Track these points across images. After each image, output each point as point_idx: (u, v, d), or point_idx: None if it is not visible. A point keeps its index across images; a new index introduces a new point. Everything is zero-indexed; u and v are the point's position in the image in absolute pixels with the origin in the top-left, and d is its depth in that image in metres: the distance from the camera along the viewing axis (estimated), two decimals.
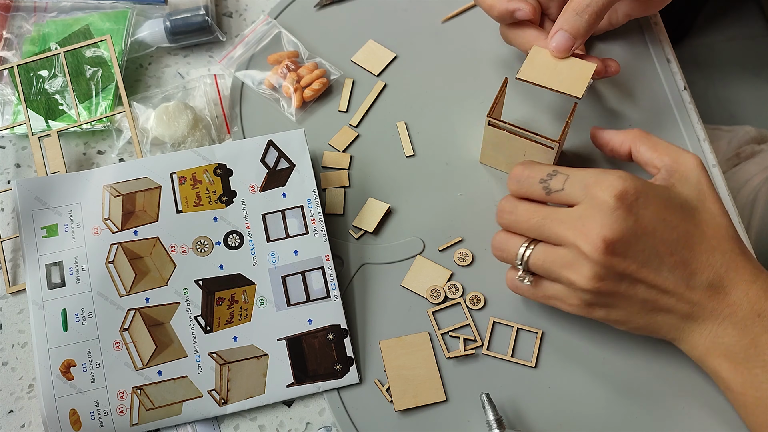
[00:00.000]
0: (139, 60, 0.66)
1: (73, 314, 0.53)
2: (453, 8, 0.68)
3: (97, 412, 0.51)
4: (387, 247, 0.58)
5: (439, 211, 0.59)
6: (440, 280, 0.57)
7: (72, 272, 0.54)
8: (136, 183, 0.56)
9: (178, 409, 0.52)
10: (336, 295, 0.55)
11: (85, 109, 0.62)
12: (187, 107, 0.61)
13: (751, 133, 0.98)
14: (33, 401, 0.54)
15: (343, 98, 0.64)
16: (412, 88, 0.65)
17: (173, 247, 0.55)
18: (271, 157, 0.57)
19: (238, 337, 0.54)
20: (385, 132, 0.63)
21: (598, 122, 0.62)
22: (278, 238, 0.56)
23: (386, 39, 0.66)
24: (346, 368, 0.54)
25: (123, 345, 0.53)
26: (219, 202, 0.56)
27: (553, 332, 0.55)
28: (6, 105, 0.63)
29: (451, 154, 0.62)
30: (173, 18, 0.65)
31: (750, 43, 0.64)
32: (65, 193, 0.56)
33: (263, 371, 0.53)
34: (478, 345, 0.54)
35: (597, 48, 0.65)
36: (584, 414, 0.53)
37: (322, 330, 0.54)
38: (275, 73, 0.63)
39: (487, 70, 0.65)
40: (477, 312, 0.56)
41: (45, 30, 0.65)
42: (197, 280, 0.55)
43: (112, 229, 0.55)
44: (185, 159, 0.57)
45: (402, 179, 0.61)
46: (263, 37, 0.66)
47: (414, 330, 0.55)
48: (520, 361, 0.54)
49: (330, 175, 0.61)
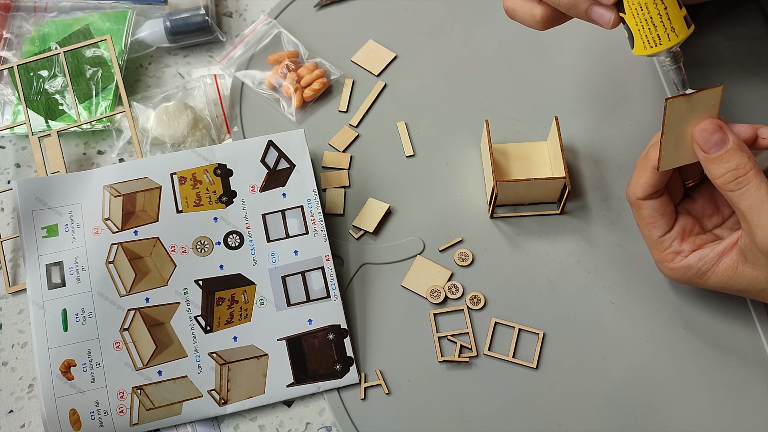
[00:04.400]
0: (139, 60, 0.66)
1: (73, 314, 0.53)
2: (453, 8, 0.68)
3: (97, 412, 0.51)
4: (387, 247, 0.58)
5: (439, 211, 0.59)
6: (440, 280, 0.57)
7: (72, 272, 0.54)
8: (136, 183, 0.56)
9: (178, 409, 0.52)
10: (336, 295, 0.55)
11: (85, 109, 0.62)
12: (187, 107, 0.61)
13: None
14: (33, 401, 0.54)
15: (343, 98, 0.64)
16: (412, 88, 0.65)
17: (173, 247, 0.55)
18: (271, 158, 0.57)
19: (238, 337, 0.54)
20: (385, 132, 0.63)
21: (597, 122, 0.62)
22: (278, 238, 0.56)
23: (386, 39, 0.66)
24: (346, 368, 0.54)
25: (123, 345, 0.53)
26: (219, 202, 0.56)
27: (554, 333, 0.55)
28: (6, 105, 0.63)
29: (451, 154, 0.62)
30: (173, 18, 0.65)
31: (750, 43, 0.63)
32: (65, 193, 0.56)
33: (263, 371, 0.53)
34: (473, 355, 0.54)
35: (595, 50, 0.65)
36: (584, 414, 0.53)
37: (322, 330, 0.54)
38: (275, 73, 0.63)
39: (487, 70, 0.65)
40: (477, 312, 0.56)
41: (45, 30, 0.65)
42: (197, 280, 0.55)
43: (113, 229, 0.55)
44: (185, 159, 0.57)
45: (402, 179, 0.61)
46: (263, 37, 0.66)
47: (414, 330, 0.55)
48: (521, 362, 0.54)
49: (330, 175, 0.61)
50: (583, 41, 0.66)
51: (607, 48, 0.65)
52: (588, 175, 0.60)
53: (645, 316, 0.55)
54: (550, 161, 0.59)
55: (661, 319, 0.55)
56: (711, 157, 0.45)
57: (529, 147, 0.60)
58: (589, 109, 0.63)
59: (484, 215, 0.59)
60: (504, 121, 0.63)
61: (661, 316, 0.55)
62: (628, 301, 0.56)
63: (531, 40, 0.66)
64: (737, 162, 0.45)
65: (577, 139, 0.62)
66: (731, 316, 0.55)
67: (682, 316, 0.55)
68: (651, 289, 0.56)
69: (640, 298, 0.56)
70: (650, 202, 0.50)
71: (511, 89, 0.64)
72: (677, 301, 0.56)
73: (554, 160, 0.58)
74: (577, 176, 0.60)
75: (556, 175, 0.57)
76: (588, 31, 0.66)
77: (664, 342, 0.54)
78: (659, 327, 0.55)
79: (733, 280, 0.48)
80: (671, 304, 0.56)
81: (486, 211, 0.59)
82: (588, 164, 0.61)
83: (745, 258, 0.47)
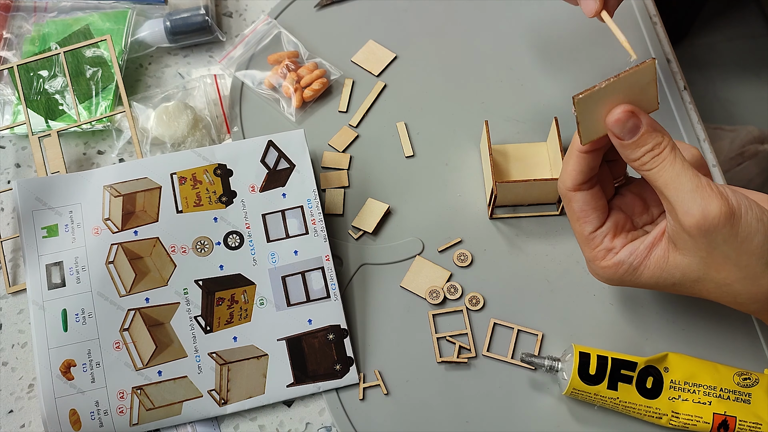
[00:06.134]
0: (139, 60, 0.67)
1: (73, 314, 0.53)
2: (453, 8, 0.68)
3: (97, 412, 0.51)
4: (386, 248, 0.58)
5: (438, 211, 0.59)
6: (439, 281, 0.57)
7: (72, 272, 0.54)
8: (136, 183, 0.56)
9: (178, 409, 0.52)
10: (336, 296, 0.55)
11: (85, 109, 0.62)
12: (187, 107, 0.61)
13: (754, 132, 0.99)
14: (33, 401, 0.54)
15: (343, 98, 0.64)
16: (412, 88, 0.65)
17: (173, 248, 0.55)
18: (271, 158, 0.57)
19: (238, 337, 0.54)
20: (384, 132, 0.63)
21: None
22: (278, 238, 0.56)
23: (386, 39, 0.66)
24: (346, 368, 0.54)
25: (123, 345, 0.53)
26: (219, 202, 0.56)
27: (553, 334, 0.55)
28: (6, 105, 0.63)
29: (451, 154, 0.62)
30: (173, 18, 0.65)
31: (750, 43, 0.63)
32: (65, 193, 0.56)
33: (263, 371, 0.53)
34: (472, 355, 0.54)
35: (595, 51, 0.65)
36: (584, 414, 0.53)
37: (322, 330, 0.54)
38: (275, 73, 0.63)
39: (487, 71, 0.65)
40: (476, 313, 0.56)
41: (45, 30, 0.65)
42: (197, 280, 0.55)
43: (113, 230, 0.55)
44: (185, 159, 0.57)
45: (402, 179, 0.61)
46: (263, 37, 0.66)
47: (413, 330, 0.55)
48: (520, 363, 0.54)
49: (330, 176, 0.61)
50: (583, 42, 0.66)
51: (607, 49, 0.65)
52: None
53: (644, 317, 0.56)
54: (549, 162, 0.59)
55: (661, 320, 0.55)
56: (627, 143, 0.44)
57: (529, 148, 0.60)
58: None
59: (483, 216, 0.59)
60: (504, 122, 0.63)
61: (660, 317, 0.56)
62: (628, 302, 0.56)
63: (531, 41, 0.66)
64: (653, 143, 0.43)
65: None
66: (730, 317, 0.55)
67: (682, 317, 0.55)
68: (650, 291, 0.56)
69: (640, 299, 0.56)
70: (581, 194, 0.48)
71: (511, 90, 0.64)
72: (677, 302, 0.56)
73: (554, 161, 0.58)
74: None
75: (555, 176, 0.57)
76: (588, 31, 0.66)
77: (664, 343, 0.55)
78: (659, 328, 0.55)
79: (666, 272, 0.46)
80: (671, 305, 0.56)
81: (485, 211, 0.59)
82: None
83: (674, 245, 0.45)
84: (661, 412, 0.50)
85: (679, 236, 0.44)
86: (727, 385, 0.50)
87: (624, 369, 0.50)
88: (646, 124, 0.44)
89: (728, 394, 0.50)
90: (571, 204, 0.48)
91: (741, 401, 0.50)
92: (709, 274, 0.44)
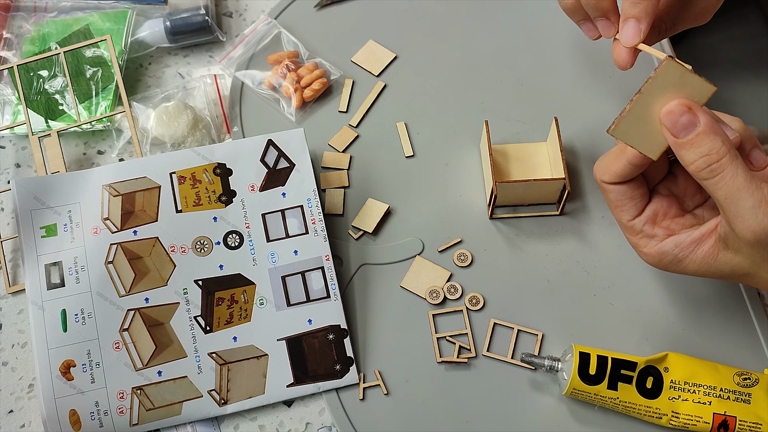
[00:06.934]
0: (139, 60, 0.66)
1: (73, 314, 0.53)
2: (453, 8, 0.68)
3: (97, 412, 0.51)
4: (386, 248, 0.58)
5: (438, 211, 0.59)
6: (439, 281, 0.57)
7: (71, 272, 0.54)
8: (135, 183, 0.56)
9: (178, 409, 0.52)
10: (336, 295, 0.55)
11: (85, 109, 0.62)
12: (187, 107, 0.61)
13: (754, 132, 0.99)
14: (33, 401, 0.54)
15: (343, 98, 0.64)
16: (412, 88, 0.65)
17: (173, 247, 0.55)
18: (271, 157, 0.57)
19: (238, 337, 0.54)
20: (384, 132, 0.63)
21: (595, 121, 0.62)
22: (278, 238, 0.56)
23: (386, 39, 0.66)
24: (346, 368, 0.54)
25: (123, 345, 0.53)
26: (219, 201, 0.56)
27: (553, 334, 0.55)
28: (6, 105, 0.63)
29: (451, 154, 0.62)
30: (173, 18, 0.65)
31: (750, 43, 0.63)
32: (64, 192, 0.56)
33: (263, 371, 0.53)
34: (472, 355, 0.54)
35: (596, 51, 0.65)
36: (584, 414, 0.53)
37: (322, 330, 0.54)
38: (275, 73, 0.63)
39: (487, 71, 0.65)
40: (476, 313, 0.56)
41: (45, 30, 0.65)
42: (197, 280, 0.55)
43: (112, 229, 0.55)
44: (185, 158, 0.57)
45: (402, 179, 0.61)
46: (263, 37, 0.66)
47: (413, 330, 0.55)
48: (520, 363, 0.54)
49: (330, 175, 0.61)
50: (583, 42, 0.66)
51: (607, 49, 0.65)
52: (587, 176, 0.60)
53: (644, 317, 0.55)
54: (549, 162, 0.59)
55: (661, 320, 0.55)
56: (681, 142, 0.41)
57: (529, 148, 0.60)
58: (589, 110, 0.63)
59: (483, 216, 0.59)
60: (504, 122, 0.63)
61: (660, 317, 0.55)
62: (627, 302, 0.56)
63: (531, 41, 0.66)
64: (709, 147, 0.40)
65: (576, 140, 0.62)
66: (730, 317, 0.55)
67: (682, 317, 0.55)
68: (650, 290, 0.56)
69: (639, 299, 0.56)
70: (616, 187, 0.47)
71: (511, 90, 0.64)
72: (676, 302, 0.56)
73: (554, 161, 0.58)
74: (577, 177, 0.60)
75: (555, 176, 0.57)
76: None
77: (664, 343, 0.55)
78: (659, 328, 0.55)
79: (714, 267, 0.45)
80: (670, 305, 0.56)
81: (485, 211, 0.59)
82: (587, 165, 0.61)
83: (726, 244, 0.44)
84: (661, 412, 0.50)
85: (734, 241, 0.43)
86: (727, 385, 0.50)
87: (624, 369, 0.50)
88: (705, 124, 0.41)
89: (728, 394, 0.50)
90: (607, 194, 0.47)
91: (741, 401, 0.50)
92: (760, 273, 0.44)
